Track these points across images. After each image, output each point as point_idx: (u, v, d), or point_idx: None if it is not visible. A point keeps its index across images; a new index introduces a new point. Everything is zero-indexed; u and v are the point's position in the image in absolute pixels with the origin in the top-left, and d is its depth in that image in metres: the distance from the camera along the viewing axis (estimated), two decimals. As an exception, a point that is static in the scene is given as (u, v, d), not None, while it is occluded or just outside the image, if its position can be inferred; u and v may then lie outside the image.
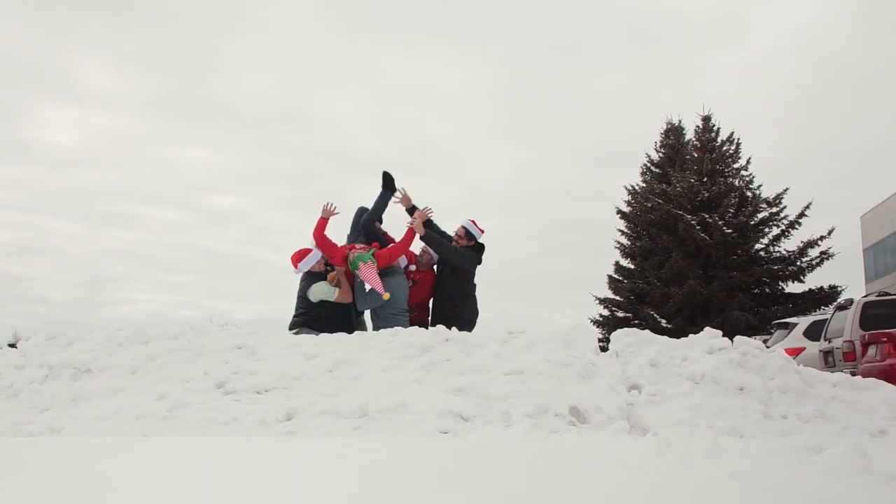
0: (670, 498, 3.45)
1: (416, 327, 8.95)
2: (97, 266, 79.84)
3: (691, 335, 8.73)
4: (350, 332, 9.31)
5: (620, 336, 8.74)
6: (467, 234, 10.37)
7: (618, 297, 31.64)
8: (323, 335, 8.77)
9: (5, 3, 70.71)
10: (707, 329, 8.71)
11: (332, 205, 10.09)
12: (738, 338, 8.50)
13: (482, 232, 10.41)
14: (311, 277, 9.92)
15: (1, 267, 79.15)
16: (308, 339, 8.52)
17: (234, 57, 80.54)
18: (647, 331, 8.89)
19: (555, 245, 67.93)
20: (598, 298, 31.88)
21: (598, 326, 31.09)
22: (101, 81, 78.03)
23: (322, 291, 9.75)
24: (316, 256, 9.94)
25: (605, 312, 31.76)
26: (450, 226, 10.61)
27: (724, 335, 8.62)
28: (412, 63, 79.28)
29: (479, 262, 10.45)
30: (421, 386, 7.49)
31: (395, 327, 8.89)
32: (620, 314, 30.90)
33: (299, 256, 9.97)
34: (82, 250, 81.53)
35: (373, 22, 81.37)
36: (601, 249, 62.90)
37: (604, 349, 8.84)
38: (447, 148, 77.47)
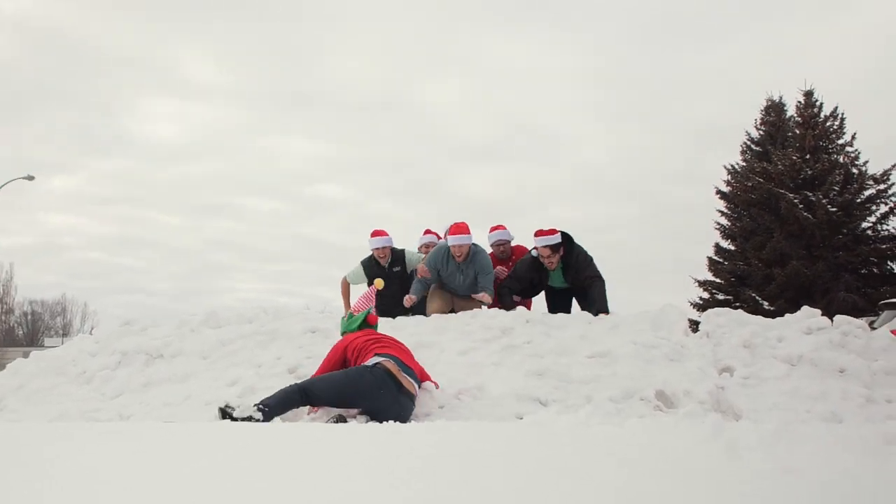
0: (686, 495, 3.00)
1: (496, 309, 8.63)
2: (200, 256, 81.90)
3: (787, 315, 8.25)
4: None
5: (711, 316, 8.29)
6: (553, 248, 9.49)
7: (718, 280, 30.81)
8: (400, 318, 8.59)
9: (106, -1, 72.55)
10: (804, 308, 8.19)
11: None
12: (838, 317, 7.97)
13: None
14: None
15: (108, 259, 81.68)
16: (384, 323, 8.31)
17: (334, 46, 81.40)
18: (739, 310, 8.42)
19: (655, 228, 67.18)
20: (698, 281, 31.13)
21: (697, 310, 30.35)
22: (202, 74, 79.61)
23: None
24: None
25: (706, 295, 30.97)
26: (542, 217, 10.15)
27: (830, 317, 8.10)
28: (512, 47, 78.93)
29: None
30: (499, 369, 7.23)
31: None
32: (721, 297, 30.09)
33: None
34: (186, 241, 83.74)
35: (471, 7, 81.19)
36: (701, 231, 61.59)
37: (696, 331, 8.42)
38: (547, 132, 77.05)
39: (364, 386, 6.16)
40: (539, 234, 9.46)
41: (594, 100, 78.70)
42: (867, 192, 28.07)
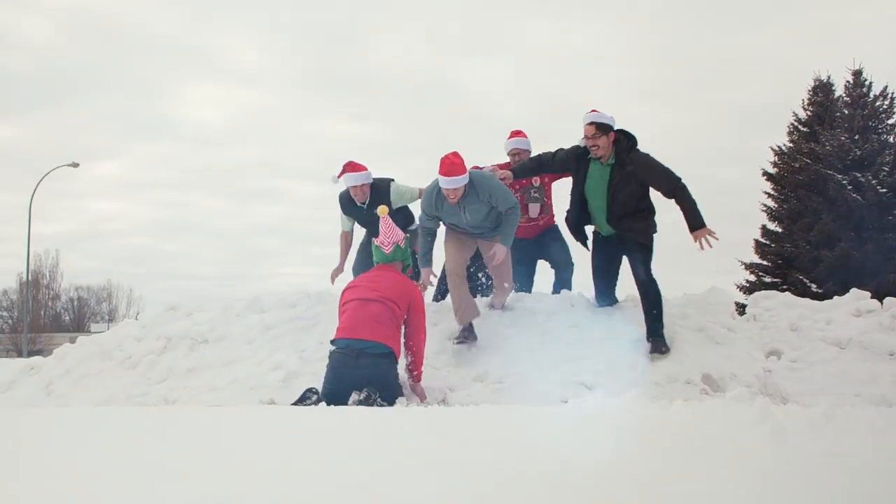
0: (726, 479, 2.91)
1: (540, 292, 8.53)
2: (245, 241, 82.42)
3: (836, 297, 8.13)
4: None
5: (758, 299, 8.19)
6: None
7: (765, 262, 30.45)
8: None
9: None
10: (853, 290, 8.07)
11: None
12: (888, 299, 7.83)
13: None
14: None
15: (153, 244, 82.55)
16: (429, 307, 8.27)
17: (377, 29, 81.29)
18: (786, 293, 8.31)
19: (700, 209, 66.29)
20: (745, 264, 30.78)
21: (744, 293, 30.02)
22: (245, 58, 79.92)
23: None
24: None
25: (752, 278, 30.63)
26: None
27: (879, 299, 7.97)
28: (557, 28, 78.33)
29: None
30: (544, 353, 7.18)
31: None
32: (768, 279, 29.73)
33: None
34: (230, 226, 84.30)
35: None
36: (747, 213, 61.03)
37: (742, 314, 8.33)
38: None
39: (330, 378, 6.46)
40: (593, 111, 7.70)
41: (638, 80, 77.96)
42: (918, 173, 27.61)
